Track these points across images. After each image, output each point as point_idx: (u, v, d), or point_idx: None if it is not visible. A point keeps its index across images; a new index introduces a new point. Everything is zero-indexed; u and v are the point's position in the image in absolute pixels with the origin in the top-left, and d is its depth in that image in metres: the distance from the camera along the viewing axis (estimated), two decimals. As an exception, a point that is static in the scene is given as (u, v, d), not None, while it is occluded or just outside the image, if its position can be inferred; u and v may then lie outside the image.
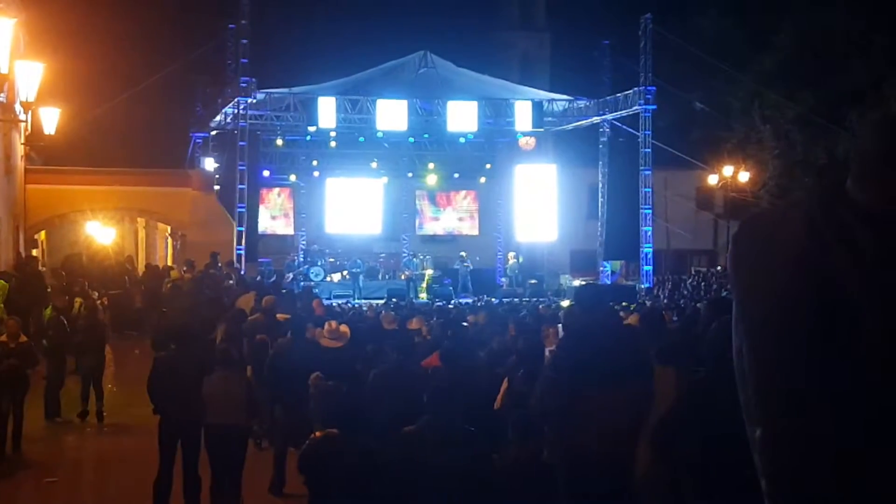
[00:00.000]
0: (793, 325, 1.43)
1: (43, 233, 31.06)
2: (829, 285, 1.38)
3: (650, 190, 30.53)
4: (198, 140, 34.18)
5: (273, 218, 35.41)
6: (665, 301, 26.23)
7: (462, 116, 30.12)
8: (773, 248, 1.48)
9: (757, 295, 1.50)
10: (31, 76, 19.40)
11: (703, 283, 30.75)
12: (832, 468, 1.38)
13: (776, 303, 1.44)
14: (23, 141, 24.55)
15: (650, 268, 30.59)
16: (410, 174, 35.79)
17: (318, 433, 6.85)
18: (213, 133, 32.97)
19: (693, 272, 35.05)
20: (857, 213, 1.39)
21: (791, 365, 1.43)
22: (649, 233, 30.52)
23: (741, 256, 1.57)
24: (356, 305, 24.03)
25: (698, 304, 17.73)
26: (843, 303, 1.37)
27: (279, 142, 32.25)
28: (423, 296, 29.80)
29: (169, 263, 31.11)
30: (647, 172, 30.20)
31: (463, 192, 37.21)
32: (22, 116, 22.10)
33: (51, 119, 23.40)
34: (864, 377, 1.35)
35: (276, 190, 35.41)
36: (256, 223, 30.09)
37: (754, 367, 1.50)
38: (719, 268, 34.67)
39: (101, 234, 30.59)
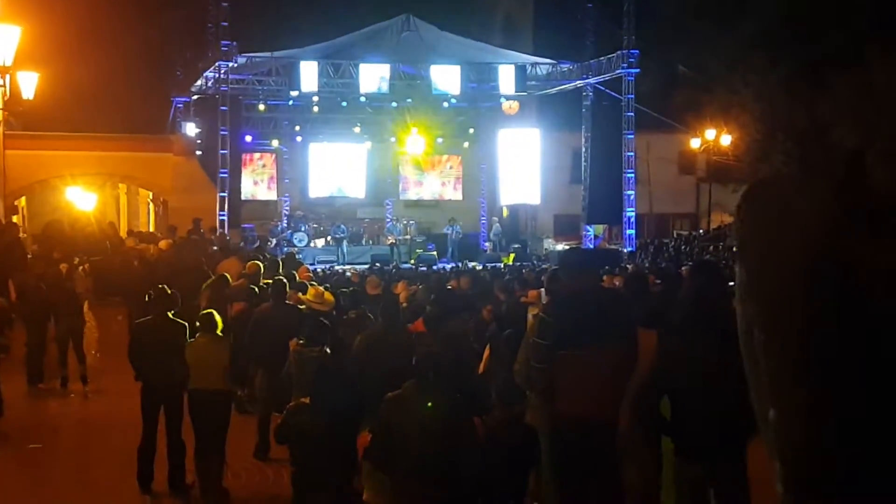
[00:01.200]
0: (809, 310, 1.37)
1: (23, 199, 30.86)
2: (849, 272, 1.33)
3: (633, 154, 30.51)
4: (179, 105, 33.82)
5: (256, 183, 35.15)
6: (647, 265, 26.30)
7: (445, 80, 29.95)
8: (787, 226, 1.40)
9: (769, 275, 1.43)
10: (8, 40, 19.12)
11: (685, 247, 30.84)
12: (856, 453, 1.35)
13: (791, 287, 1.38)
14: (0, 106, 24.24)
15: (633, 231, 30.63)
16: (393, 139, 35.63)
17: (291, 404, 6.86)
18: (195, 98, 32.57)
19: (675, 235, 35.12)
20: (880, 199, 1.34)
21: (808, 349, 1.38)
22: (632, 196, 30.53)
23: (749, 230, 1.49)
24: (340, 270, 24.01)
25: (682, 268, 17.76)
26: (864, 291, 1.32)
27: (261, 107, 32.01)
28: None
29: (152, 230, 30.98)
30: (629, 136, 30.13)
31: (446, 157, 37.02)
32: (-1, 81, 21.78)
33: (29, 83, 23.04)
34: (884, 366, 1.31)
35: (259, 155, 35.14)
36: (239, 188, 29.92)
37: (768, 348, 1.44)
38: (701, 231, 34.74)
39: (82, 200, 30.43)
